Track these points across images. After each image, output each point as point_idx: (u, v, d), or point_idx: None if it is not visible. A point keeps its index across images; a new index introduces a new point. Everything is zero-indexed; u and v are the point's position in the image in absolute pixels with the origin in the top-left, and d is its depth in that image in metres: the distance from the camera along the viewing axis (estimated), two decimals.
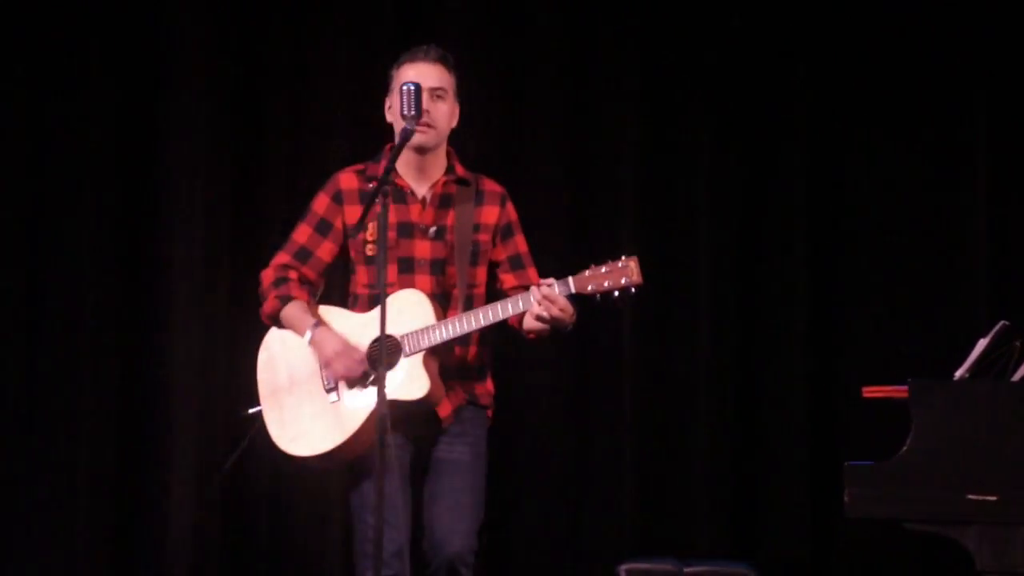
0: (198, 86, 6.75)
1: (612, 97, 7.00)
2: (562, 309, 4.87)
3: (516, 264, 5.12)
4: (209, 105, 6.77)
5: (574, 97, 6.98)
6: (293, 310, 4.99)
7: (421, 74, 4.93)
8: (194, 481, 6.70)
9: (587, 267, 5.01)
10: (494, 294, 5.08)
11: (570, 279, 4.93)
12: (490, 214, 5.07)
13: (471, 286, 5.04)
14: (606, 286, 4.97)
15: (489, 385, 5.11)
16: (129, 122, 6.76)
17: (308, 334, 4.93)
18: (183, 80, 6.76)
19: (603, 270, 4.98)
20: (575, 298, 4.97)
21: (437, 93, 4.92)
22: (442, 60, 4.98)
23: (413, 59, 5.00)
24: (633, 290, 5.03)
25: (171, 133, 6.78)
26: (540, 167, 6.92)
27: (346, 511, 5.17)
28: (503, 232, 5.10)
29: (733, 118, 7.09)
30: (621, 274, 4.97)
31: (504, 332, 5.20)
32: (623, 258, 4.99)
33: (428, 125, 4.90)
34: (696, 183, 7.02)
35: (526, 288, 5.02)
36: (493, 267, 5.11)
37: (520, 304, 4.95)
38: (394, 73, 5.01)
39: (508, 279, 5.09)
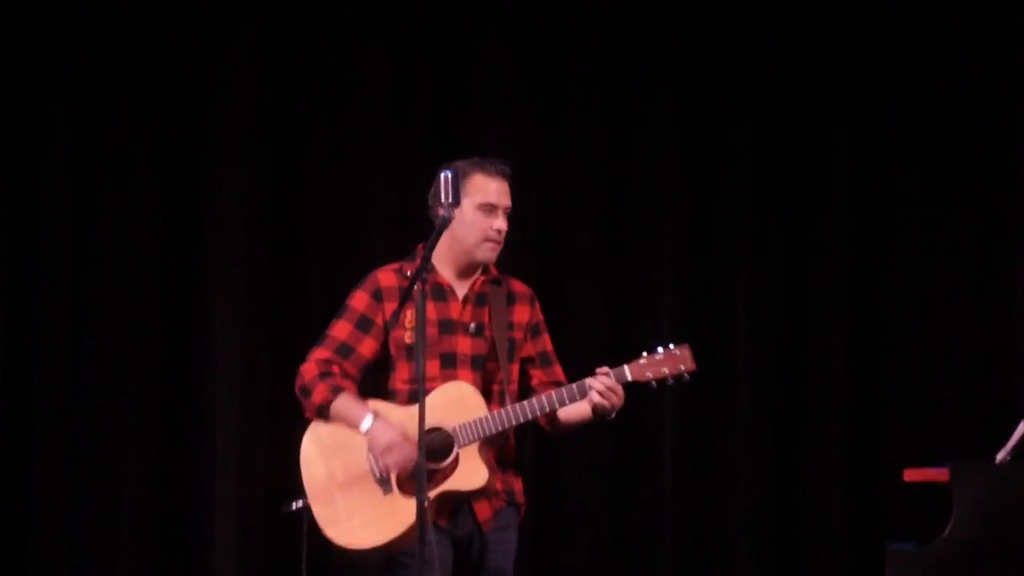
0: (242, 187, 6.75)
1: (650, 180, 7.00)
2: (620, 397, 4.92)
3: (545, 361, 5.17)
4: (249, 201, 6.78)
5: (613, 185, 6.96)
6: (346, 400, 4.99)
7: (502, 193, 5.01)
8: (234, 566, 6.66)
9: (639, 356, 5.04)
10: (524, 390, 5.14)
11: (626, 367, 4.97)
12: (522, 313, 5.14)
13: (509, 382, 5.07)
14: (664, 373, 5.02)
15: (520, 481, 5.16)
16: (173, 210, 6.79)
17: (367, 422, 4.92)
18: (226, 169, 6.77)
19: (658, 357, 5.02)
20: (628, 386, 4.99)
21: (507, 212, 5.01)
22: (504, 174, 5.05)
23: (491, 173, 5.05)
24: (687, 377, 5.07)
25: (213, 230, 6.78)
26: (581, 253, 6.88)
27: None
28: (533, 330, 5.16)
29: (771, 197, 7.06)
30: (677, 361, 5.02)
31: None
32: (673, 346, 5.06)
33: (499, 243, 4.99)
34: (737, 269, 6.99)
35: (554, 384, 5.08)
36: (524, 363, 5.16)
37: (576, 394, 4.98)
38: (464, 181, 5.00)
39: (538, 375, 5.15)
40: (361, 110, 6.85)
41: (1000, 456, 5.81)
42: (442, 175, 4.75)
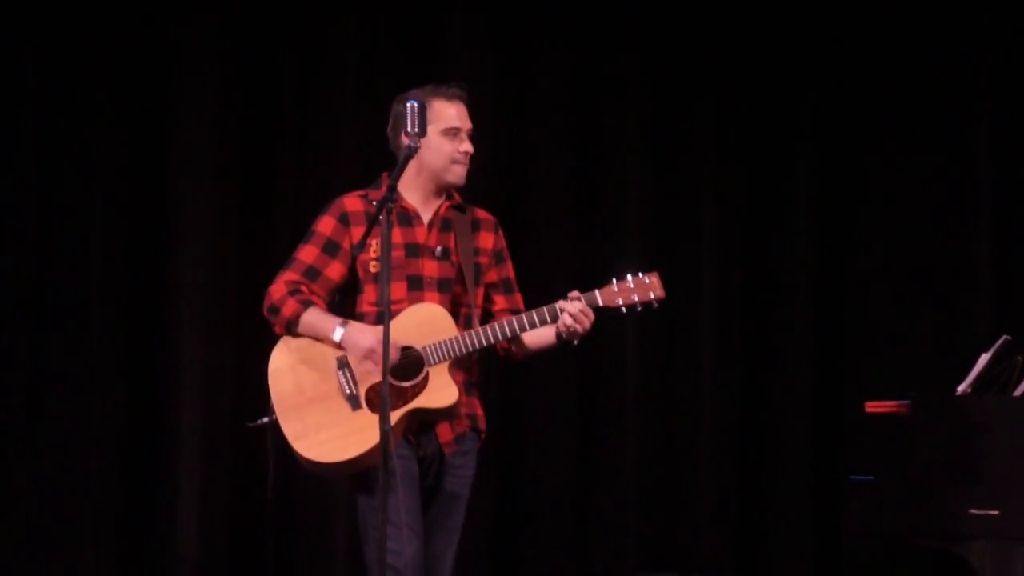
0: (209, 111, 6.84)
1: (618, 117, 7.10)
2: (591, 321, 5.02)
3: (508, 288, 5.26)
4: (219, 128, 6.87)
5: (583, 120, 7.06)
6: (315, 312, 5.04)
7: (463, 116, 5.12)
8: (200, 484, 6.78)
9: (610, 282, 5.12)
10: (485, 315, 5.23)
11: (597, 292, 5.05)
12: (487, 239, 5.23)
13: (475, 305, 5.16)
14: (634, 299, 5.09)
15: (481, 407, 5.25)
16: (139, 142, 6.86)
17: (339, 331, 4.99)
18: (193, 99, 6.86)
19: (629, 284, 5.10)
20: (596, 312, 5.08)
21: (470, 133, 5.12)
22: (460, 97, 5.13)
23: (450, 96, 5.13)
24: (656, 305, 5.14)
25: (180, 156, 6.87)
26: (549, 189, 7.01)
27: (353, 518, 5.26)
28: (497, 257, 5.25)
29: (738, 135, 7.18)
30: (647, 288, 5.10)
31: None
32: (643, 274, 5.12)
33: (466, 164, 5.09)
34: (702, 204, 7.11)
35: (514, 311, 5.16)
36: (487, 289, 5.25)
37: (547, 317, 5.06)
38: (427, 103, 4.98)
39: (500, 300, 5.24)
40: (331, 45, 6.92)
41: (961, 389, 5.93)
42: (408, 105, 4.80)
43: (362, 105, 6.77)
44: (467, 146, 5.07)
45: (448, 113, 5.11)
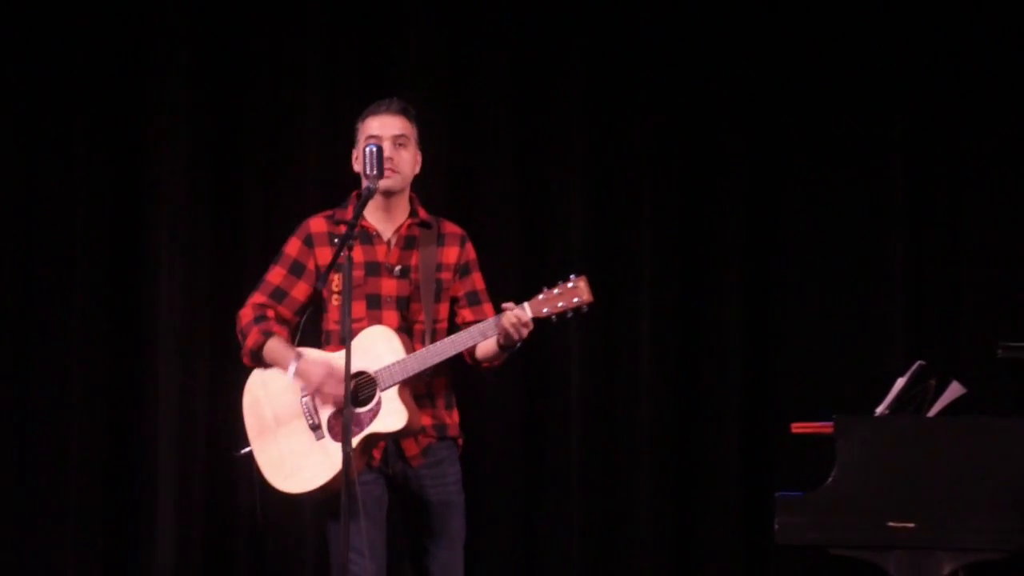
0: (183, 146, 6.94)
1: (560, 139, 7.19)
2: (528, 329, 5.01)
3: (473, 300, 5.23)
4: (190, 158, 6.95)
5: (525, 139, 7.16)
6: (276, 344, 5.09)
7: (384, 124, 5.11)
8: (175, 511, 6.85)
9: (539, 291, 5.10)
10: (453, 328, 5.17)
11: (526, 304, 5.04)
12: (451, 254, 5.20)
13: (435, 321, 5.15)
14: (560, 307, 5.07)
15: (456, 415, 5.22)
16: (116, 181, 6.95)
17: (293, 366, 5.02)
18: (166, 137, 6.95)
19: (556, 292, 5.08)
20: (535, 322, 5.07)
21: (399, 141, 5.08)
22: (403, 112, 5.14)
23: (376, 111, 5.15)
24: (585, 308, 5.11)
25: (153, 195, 6.97)
26: (496, 207, 7.07)
27: (323, 541, 5.27)
28: (462, 270, 5.21)
29: (674, 148, 7.23)
30: (573, 294, 5.07)
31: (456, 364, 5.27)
32: (572, 278, 5.09)
33: (392, 170, 5.06)
34: (641, 225, 7.16)
35: (479, 322, 5.12)
36: (452, 303, 5.22)
37: (485, 331, 5.06)
38: (359, 125, 5.15)
39: (466, 314, 5.20)
40: (295, 73, 7.07)
41: (879, 410, 6.02)
42: (366, 150, 4.93)
43: (325, 130, 6.85)
44: (388, 152, 5.04)
45: (371, 124, 5.13)
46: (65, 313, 6.91)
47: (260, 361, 5.12)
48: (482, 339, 5.06)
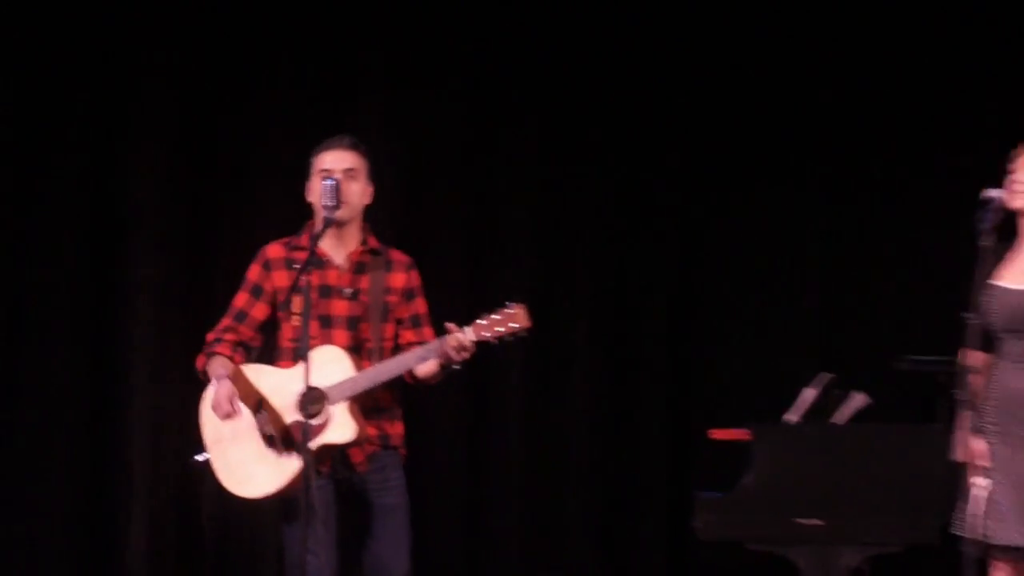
0: (158, 175, 7.04)
1: (504, 177, 7.32)
2: (469, 353, 5.13)
3: (416, 323, 5.32)
4: (165, 199, 7.06)
5: (472, 176, 7.27)
6: (212, 365, 5.29)
7: (336, 158, 5.21)
8: (148, 513, 7.00)
9: (480, 316, 5.16)
10: (396, 348, 5.25)
11: (467, 328, 5.13)
12: (398, 279, 5.29)
13: (382, 340, 5.25)
14: (499, 331, 5.15)
15: (399, 427, 5.30)
16: (93, 199, 7.03)
17: (209, 390, 5.25)
18: (143, 158, 7.05)
19: (496, 317, 5.16)
20: (475, 345, 5.14)
21: (350, 174, 5.19)
22: (354, 147, 5.26)
23: (329, 146, 5.26)
24: (523, 333, 5.19)
25: (133, 220, 7.05)
26: (442, 238, 7.18)
27: (279, 541, 5.37)
28: (407, 295, 5.30)
29: (611, 191, 7.34)
30: (511, 319, 5.16)
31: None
32: (511, 304, 5.17)
33: (343, 201, 5.14)
34: (576, 253, 7.34)
35: (421, 343, 5.23)
36: (397, 324, 5.30)
37: (429, 353, 5.16)
38: (313, 159, 5.24)
39: (408, 335, 5.29)
40: (263, 108, 7.15)
41: (789, 417, 6.28)
42: (323, 184, 5.10)
43: (287, 162, 6.71)
44: (334, 182, 5.12)
45: (324, 159, 5.23)
46: (47, 317, 6.99)
47: (207, 378, 5.29)
48: (423, 361, 5.16)
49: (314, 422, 5.11)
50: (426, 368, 5.24)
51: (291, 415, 5.16)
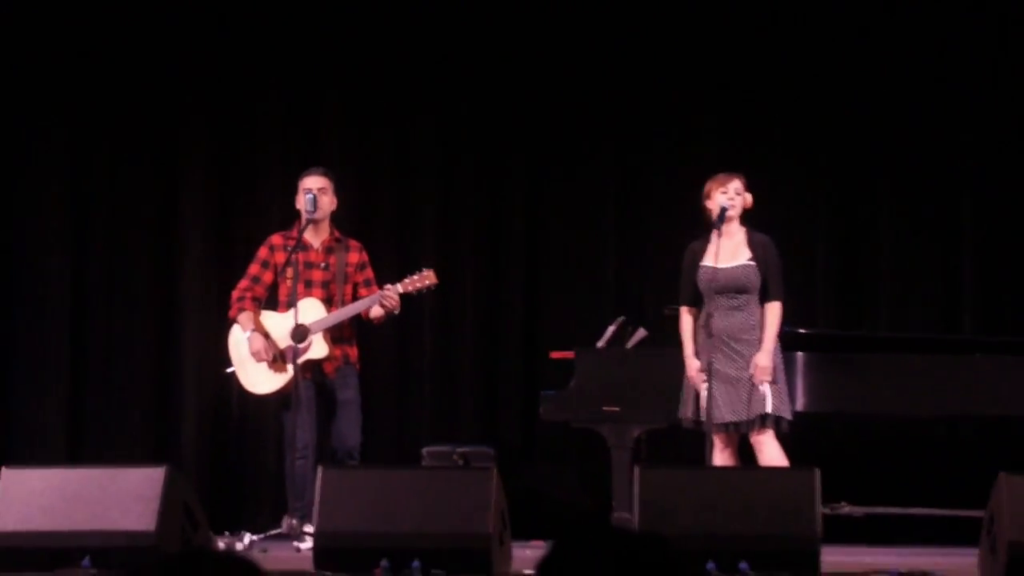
0: (208, 184, 8.54)
1: (419, 193, 8.64)
2: (398, 302, 6.80)
3: (367, 284, 7.03)
4: (208, 205, 8.61)
5: (400, 191, 8.71)
6: (243, 317, 6.97)
7: (313, 181, 6.98)
8: (196, 402, 8.48)
9: (404, 277, 6.82)
10: (354, 299, 6.94)
11: (396, 285, 6.81)
12: (354, 257, 7.01)
13: (344, 295, 7.02)
14: (417, 287, 6.84)
15: (355, 350, 6.95)
16: (163, 210, 8.50)
17: (247, 335, 6.85)
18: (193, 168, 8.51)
19: (414, 277, 6.84)
20: (401, 296, 6.73)
21: (323, 191, 6.95)
22: (325, 173, 7.02)
23: (309, 172, 7.07)
24: (433, 287, 6.83)
25: (187, 219, 8.54)
26: (381, 229, 8.57)
27: (279, 422, 6.99)
28: (360, 266, 7.04)
29: (484, 201, 8.61)
30: (425, 278, 6.85)
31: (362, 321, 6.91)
32: (425, 270, 6.88)
33: (318, 208, 6.87)
34: (463, 235, 8.68)
35: (369, 296, 6.85)
36: (355, 286, 7.01)
37: (373, 301, 6.80)
38: (299, 182, 7.03)
39: (362, 292, 6.99)
40: (269, 146, 8.67)
41: (599, 344, 7.65)
42: (306, 195, 6.85)
43: (283, 182, 8.11)
44: (312, 196, 6.65)
45: (306, 181, 6.91)
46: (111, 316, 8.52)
47: (236, 322, 7.04)
48: (372, 305, 6.86)
49: (301, 346, 6.85)
50: (375, 312, 6.86)
51: (285, 342, 6.89)
